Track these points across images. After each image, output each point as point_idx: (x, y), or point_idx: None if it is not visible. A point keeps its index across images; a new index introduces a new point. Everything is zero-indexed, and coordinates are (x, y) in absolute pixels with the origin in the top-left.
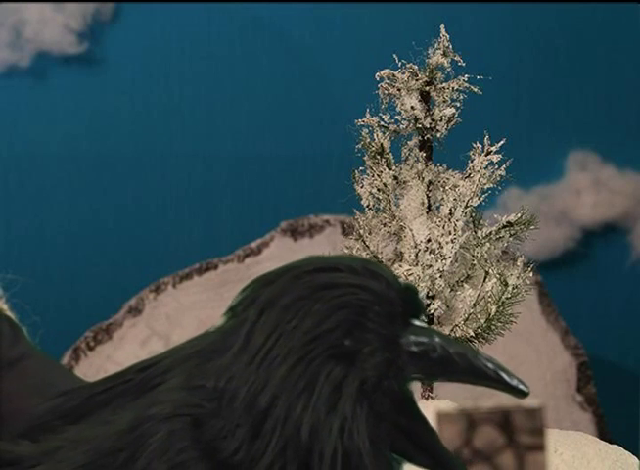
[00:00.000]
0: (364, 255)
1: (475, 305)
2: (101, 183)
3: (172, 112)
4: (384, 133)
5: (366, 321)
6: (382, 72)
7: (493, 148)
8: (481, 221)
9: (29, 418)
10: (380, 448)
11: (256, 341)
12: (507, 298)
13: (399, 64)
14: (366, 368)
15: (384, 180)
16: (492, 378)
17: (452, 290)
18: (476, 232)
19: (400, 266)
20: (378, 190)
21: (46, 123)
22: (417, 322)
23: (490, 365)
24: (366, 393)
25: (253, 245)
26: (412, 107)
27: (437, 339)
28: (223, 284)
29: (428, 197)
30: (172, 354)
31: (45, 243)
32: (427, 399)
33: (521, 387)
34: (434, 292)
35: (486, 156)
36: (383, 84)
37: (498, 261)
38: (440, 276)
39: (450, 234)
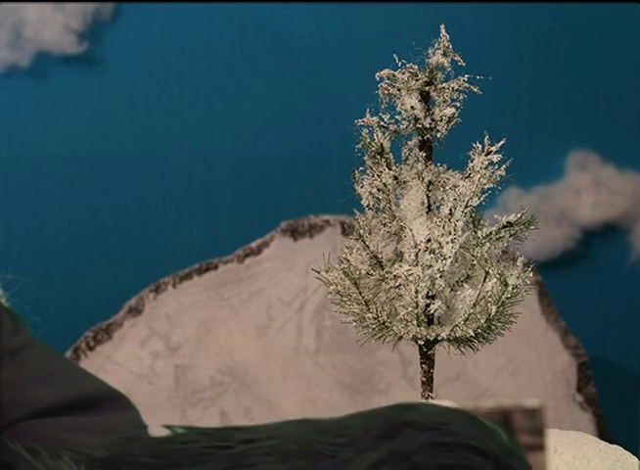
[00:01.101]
0: (364, 255)
1: (475, 305)
2: (101, 183)
3: (172, 112)
4: (384, 133)
5: None
6: (382, 72)
7: (493, 148)
8: (481, 221)
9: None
10: None
11: None
12: (507, 298)
13: (399, 64)
14: None
15: (384, 180)
16: None
17: (452, 290)
18: (476, 232)
19: (400, 266)
20: (378, 190)
21: (46, 123)
22: None
23: None
24: None
25: (253, 245)
26: (412, 107)
27: None
28: (223, 284)
29: (428, 197)
30: (278, 434)
31: (45, 243)
32: (427, 399)
33: None
34: (433, 292)
35: (486, 156)
36: (383, 84)
37: (498, 261)
38: (440, 276)
39: (450, 234)
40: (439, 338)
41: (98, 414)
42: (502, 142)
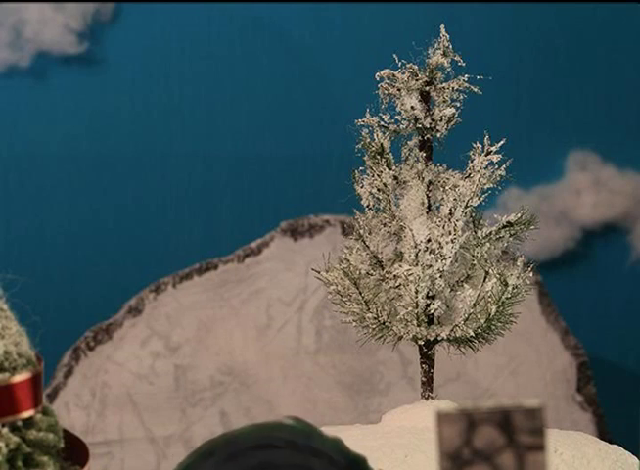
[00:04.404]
0: (364, 255)
1: (475, 305)
2: (101, 183)
3: (172, 112)
4: (384, 133)
5: None
6: (382, 72)
7: (493, 148)
8: (481, 221)
9: None
10: None
11: None
12: (507, 298)
13: (399, 64)
14: None
15: (384, 180)
16: None
17: (452, 290)
18: (476, 232)
19: (400, 266)
20: (378, 190)
21: (46, 123)
22: None
23: None
24: None
25: (253, 245)
26: (412, 107)
27: None
28: (223, 284)
29: (428, 197)
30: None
31: (45, 243)
32: (427, 399)
33: None
34: (434, 292)
35: (486, 156)
36: (383, 84)
37: (498, 261)
38: (440, 276)
39: (450, 234)
40: (439, 338)
41: None
42: (502, 142)
